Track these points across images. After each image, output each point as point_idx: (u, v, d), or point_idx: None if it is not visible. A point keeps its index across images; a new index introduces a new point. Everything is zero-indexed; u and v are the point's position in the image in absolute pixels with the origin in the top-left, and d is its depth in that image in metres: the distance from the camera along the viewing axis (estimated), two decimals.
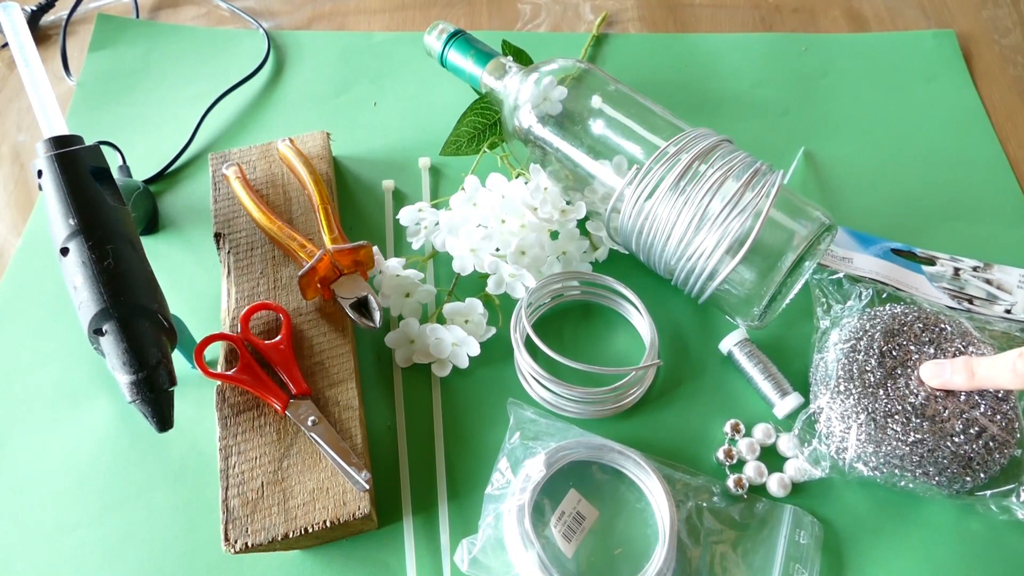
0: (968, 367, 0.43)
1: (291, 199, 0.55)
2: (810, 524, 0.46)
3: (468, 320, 0.51)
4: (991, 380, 0.42)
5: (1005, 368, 0.40)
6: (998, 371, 0.41)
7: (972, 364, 0.43)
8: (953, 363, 0.44)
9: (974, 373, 0.43)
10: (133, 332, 0.39)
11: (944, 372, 0.44)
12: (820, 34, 0.73)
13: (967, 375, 0.43)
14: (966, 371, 0.43)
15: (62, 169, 0.41)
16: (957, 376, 0.43)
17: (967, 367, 0.43)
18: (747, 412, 0.51)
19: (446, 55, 0.60)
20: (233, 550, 0.41)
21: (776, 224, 0.47)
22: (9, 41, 0.47)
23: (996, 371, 0.41)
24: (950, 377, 0.44)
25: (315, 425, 0.44)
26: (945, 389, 0.45)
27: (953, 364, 0.44)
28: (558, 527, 0.44)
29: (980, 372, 0.42)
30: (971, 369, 0.43)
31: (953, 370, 0.44)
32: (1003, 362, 0.41)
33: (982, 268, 0.56)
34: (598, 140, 0.52)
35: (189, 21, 0.74)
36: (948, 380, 0.44)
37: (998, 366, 0.41)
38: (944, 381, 0.44)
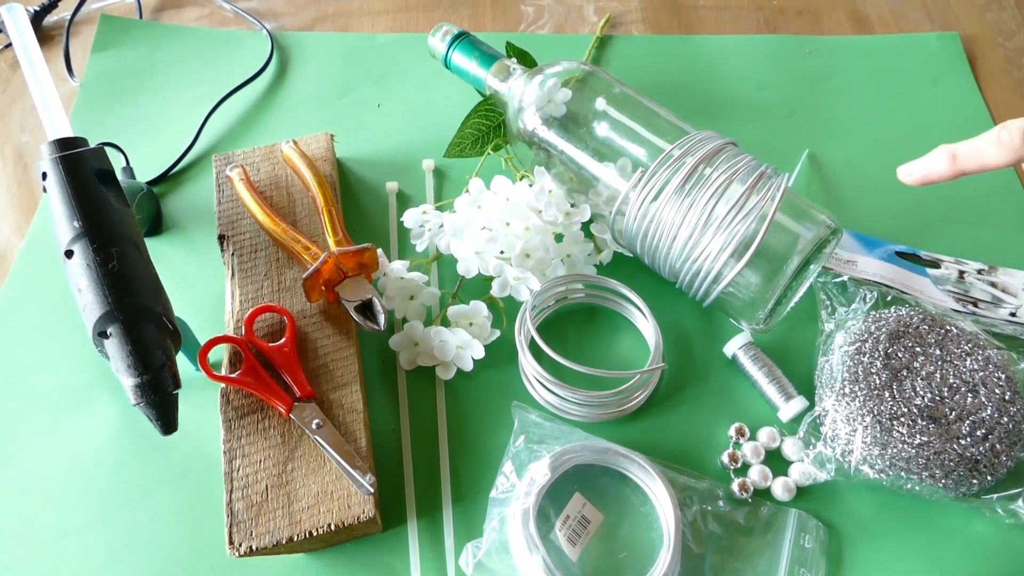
0: (947, 152, 0.39)
1: (295, 201, 0.55)
2: (815, 528, 0.46)
3: (472, 323, 0.51)
4: (975, 158, 0.39)
5: (989, 143, 0.38)
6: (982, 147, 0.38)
7: (951, 148, 0.39)
8: (929, 155, 0.40)
9: (955, 155, 0.39)
10: (138, 335, 0.39)
11: (922, 165, 0.41)
12: (824, 36, 0.73)
13: (949, 159, 0.39)
14: (947, 155, 0.39)
15: (67, 172, 0.41)
16: (937, 164, 0.40)
17: (946, 152, 0.39)
18: (752, 416, 0.51)
19: (450, 57, 0.60)
20: (237, 553, 0.41)
21: (781, 227, 0.47)
22: (13, 42, 0.47)
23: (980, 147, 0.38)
24: (929, 168, 0.40)
25: (319, 428, 0.44)
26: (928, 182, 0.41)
27: (929, 155, 0.40)
28: (563, 531, 0.44)
29: (962, 152, 0.39)
30: (952, 151, 0.39)
31: (931, 160, 0.40)
32: (986, 137, 0.38)
33: (987, 271, 0.56)
34: (602, 142, 0.51)
35: (192, 22, 0.74)
36: (928, 172, 0.40)
37: (981, 142, 0.38)
38: (924, 174, 0.41)
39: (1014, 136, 0.37)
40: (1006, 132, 0.37)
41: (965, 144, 0.39)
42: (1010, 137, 0.37)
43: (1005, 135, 0.37)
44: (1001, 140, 0.37)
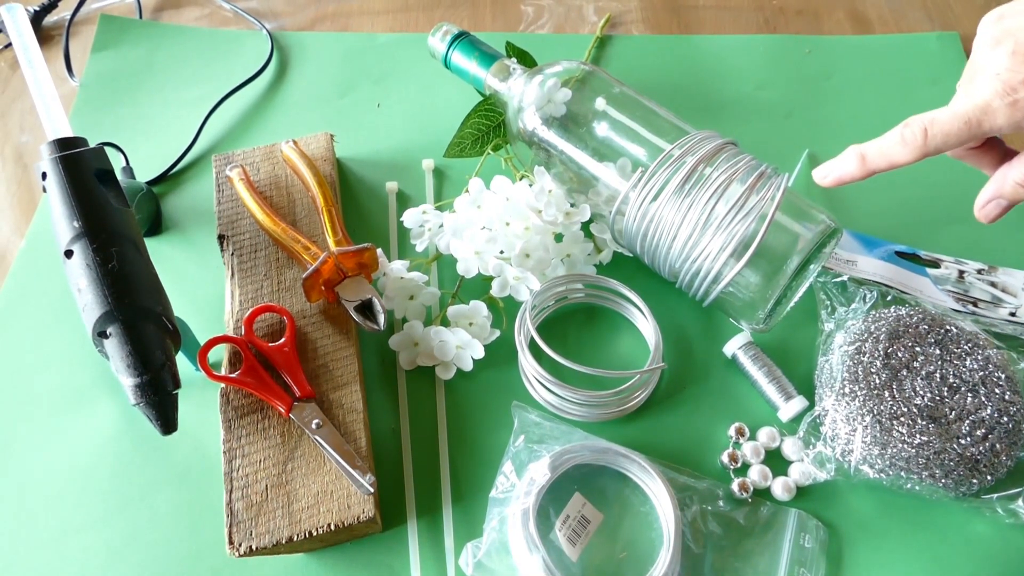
0: (857, 153, 0.40)
1: (295, 201, 0.55)
2: (815, 528, 0.46)
3: (472, 323, 0.51)
4: (883, 158, 0.39)
5: (894, 142, 0.39)
6: (888, 146, 0.39)
7: (860, 149, 0.40)
8: (840, 156, 0.41)
9: (864, 156, 0.40)
10: (137, 335, 0.39)
11: (834, 167, 0.41)
12: (824, 36, 0.73)
13: (859, 161, 0.40)
14: (856, 157, 0.40)
15: (66, 172, 0.41)
16: (848, 166, 0.41)
17: (855, 153, 0.40)
18: (751, 415, 0.51)
19: (450, 57, 0.60)
20: (237, 553, 0.41)
21: (781, 227, 0.47)
22: (13, 42, 0.47)
23: (885, 147, 0.39)
24: (842, 170, 0.41)
25: (319, 428, 0.44)
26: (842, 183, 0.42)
27: (841, 157, 0.41)
28: (563, 531, 0.44)
29: (870, 153, 0.40)
30: (860, 152, 0.40)
31: (843, 161, 0.41)
32: (891, 136, 0.39)
33: (987, 271, 0.56)
34: (602, 142, 0.51)
35: (192, 22, 0.74)
36: (841, 174, 0.41)
37: (886, 141, 0.39)
38: (838, 176, 0.41)
39: (916, 134, 0.37)
40: (909, 130, 0.38)
41: (873, 144, 0.39)
42: (912, 135, 0.38)
43: (908, 133, 0.38)
44: (905, 139, 0.38)
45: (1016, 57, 0.35)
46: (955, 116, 0.36)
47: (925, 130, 0.37)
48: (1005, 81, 0.35)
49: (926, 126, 0.37)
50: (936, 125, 0.37)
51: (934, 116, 0.37)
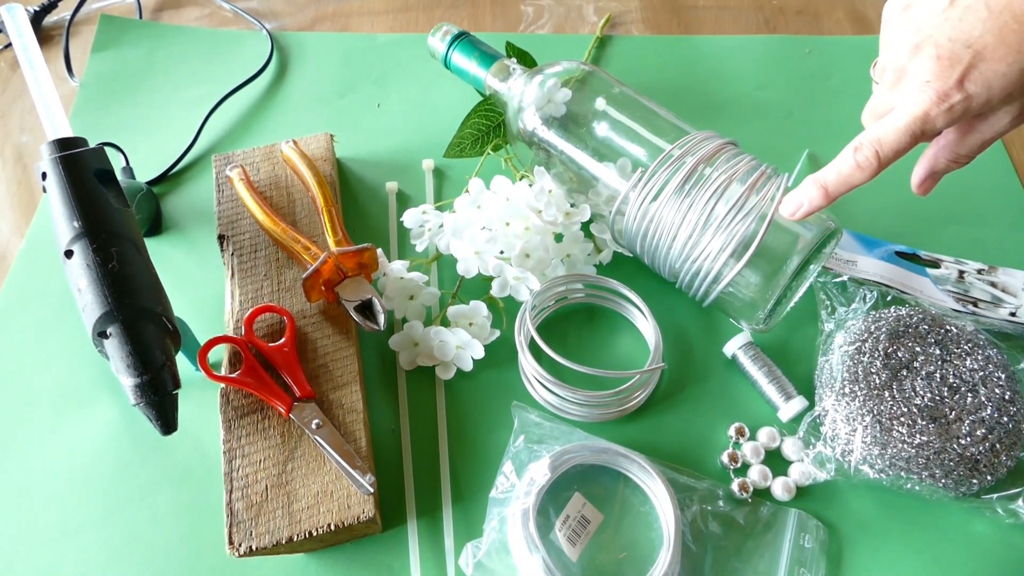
0: (818, 182, 0.41)
1: (295, 201, 0.55)
2: (815, 528, 0.46)
3: (472, 323, 0.51)
4: (845, 184, 0.40)
5: (851, 167, 0.40)
6: (845, 172, 0.40)
7: (821, 180, 0.41)
8: (802, 188, 0.42)
9: (826, 187, 0.41)
10: (138, 335, 0.39)
11: (801, 203, 0.42)
12: (824, 36, 0.73)
13: (821, 192, 0.41)
14: (818, 188, 0.41)
15: (66, 172, 0.41)
16: (813, 198, 0.41)
17: (816, 183, 0.41)
18: (751, 416, 0.51)
19: (450, 57, 0.60)
20: (237, 553, 0.41)
21: (781, 228, 0.47)
22: (13, 42, 0.47)
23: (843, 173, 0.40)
24: (808, 204, 0.42)
25: (319, 428, 0.44)
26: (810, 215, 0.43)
27: (802, 188, 0.42)
28: (563, 531, 0.44)
29: (831, 183, 0.41)
30: (821, 183, 0.41)
31: (806, 194, 0.42)
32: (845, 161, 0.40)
33: (987, 271, 0.56)
34: (602, 142, 0.52)
35: (192, 22, 0.74)
36: (808, 206, 0.42)
37: (844, 168, 0.40)
38: (806, 210, 0.42)
39: (869, 158, 0.39)
40: (861, 155, 0.39)
41: (831, 173, 0.41)
42: (866, 159, 0.39)
43: (861, 158, 0.39)
44: (860, 164, 0.39)
45: (941, 62, 0.36)
46: (899, 131, 0.38)
47: (876, 152, 0.38)
48: (937, 90, 0.36)
49: (876, 148, 0.38)
50: (885, 145, 0.38)
51: (880, 137, 0.38)
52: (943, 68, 0.36)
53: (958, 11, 0.36)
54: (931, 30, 0.36)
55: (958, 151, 0.41)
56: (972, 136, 0.40)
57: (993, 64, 0.35)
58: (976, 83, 0.36)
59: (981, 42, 0.35)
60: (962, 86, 0.36)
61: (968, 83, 0.36)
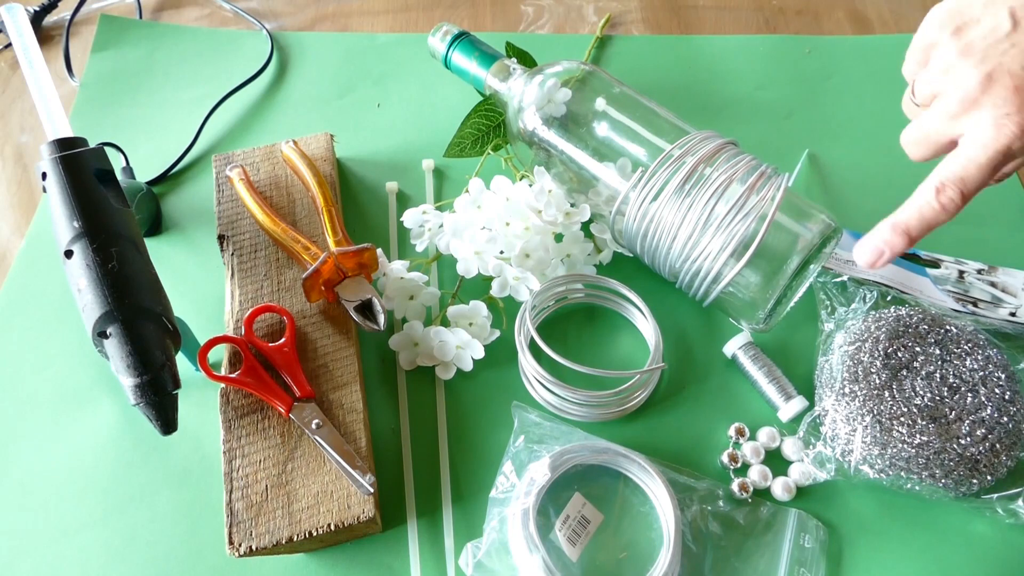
0: (898, 228, 0.39)
1: (295, 201, 0.55)
2: (815, 528, 0.46)
3: (472, 323, 0.51)
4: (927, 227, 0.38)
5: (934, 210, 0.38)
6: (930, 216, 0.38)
7: (902, 224, 0.39)
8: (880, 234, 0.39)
9: (908, 231, 0.39)
10: (137, 335, 0.39)
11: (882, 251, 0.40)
12: (824, 36, 0.73)
13: (904, 238, 0.39)
14: (899, 234, 0.39)
15: (66, 172, 0.41)
16: (895, 244, 0.39)
17: (896, 229, 0.39)
18: (751, 416, 0.51)
19: (450, 57, 0.60)
20: (237, 553, 0.41)
21: (781, 227, 0.47)
22: (13, 42, 0.47)
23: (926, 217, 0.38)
24: (890, 251, 0.39)
25: (319, 428, 0.44)
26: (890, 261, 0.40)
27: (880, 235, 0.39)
28: (563, 531, 0.44)
29: (912, 226, 0.38)
30: (903, 228, 0.39)
31: (884, 239, 0.39)
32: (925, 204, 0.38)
33: (987, 271, 0.56)
34: (602, 142, 0.52)
35: (192, 22, 0.74)
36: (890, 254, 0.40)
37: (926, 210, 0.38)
38: (888, 258, 0.40)
39: (955, 199, 0.37)
40: (946, 197, 0.37)
41: (913, 217, 0.38)
42: (951, 201, 0.37)
43: (946, 200, 0.37)
44: (946, 207, 0.37)
45: (1020, 93, 0.34)
46: (982, 168, 0.36)
47: (962, 192, 0.37)
48: (1020, 123, 0.34)
49: (961, 189, 0.37)
50: (970, 183, 0.36)
51: (962, 175, 0.36)
52: (1022, 99, 0.34)
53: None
54: (999, 57, 0.35)
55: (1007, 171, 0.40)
56: None
57: None
58: None
59: None
60: None
61: None
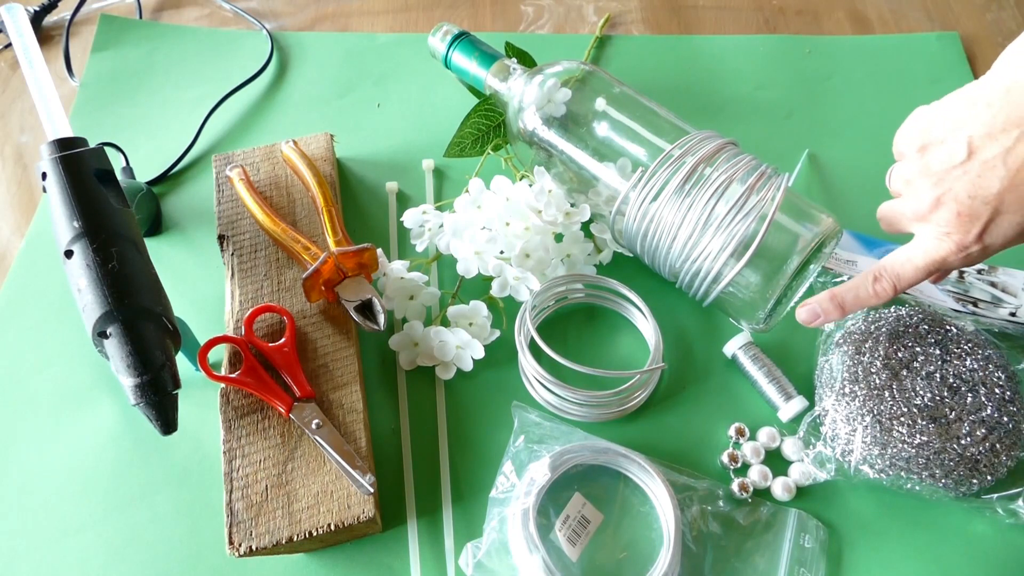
0: (836, 300, 0.45)
1: (295, 201, 0.55)
2: (815, 528, 0.46)
3: (472, 323, 0.51)
4: (860, 305, 0.44)
5: (868, 295, 0.44)
6: (864, 298, 0.44)
7: (839, 299, 0.45)
8: (819, 301, 0.46)
9: (843, 304, 0.45)
10: (137, 335, 0.39)
11: (818, 314, 0.46)
12: (824, 36, 0.73)
13: (838, 309, 0.45)
14: (835, 305, 0.45)
15: (66, 172, 0.41)
16: (829, 311, 0.45)
17: (835, 300, 0.45)
18: (751, 416, 0.51)
19: (450, 57, 0.60)
20: (237, 553, 0.41)
21: (781, 227, 0.47)
22: (13, 42, 0.47)
23: (863, 298, 0.44)
24: (824, 316, 0.46)
25: (319, 428, 0.44)
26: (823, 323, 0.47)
27: (820, 302, 0.46)
28: (563, 531, 0.44)
29: (848, 302, 0.45)
30: (839, 302, 0.45)
31: (824, 310, 0.45)
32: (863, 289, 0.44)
33: (987, 271, 0.56)
34: (602, 142, 0.51)
35: (192, 22, 0.74)
36: (824, 318, 0.46)
37: (861, 293, 0.44)
38: (822, 321, 0.46)
39: (887, 289, 0.43)
40: (880, 286, 0.43)
41: (849, 295, 0.45)
42: (884, 290, 0.43)
43: (880, 289, 0.43)
44: (878, 294, 0.43)
45: (961, 219, 0.38)
46: (917, 270, 0.41)
47: (895, 285, 0.43)
48: (957, 242, 0.39)
49: (895, 282, 0.43)
50: (903, 279, 0.42)
51: (899, 272, 0.42)
52: (963, 223, 0.38)
53: (976, 167, 0.37)
54: (951, 183, 0.38)
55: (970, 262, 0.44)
56: None
57: (1009, 216, 0.37)
58: (993, 235, 0.38)
59: (999, 199, 0.36)
60: (980, 239, 0.38)
61: (986, 236, 0.38)
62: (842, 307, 0.45)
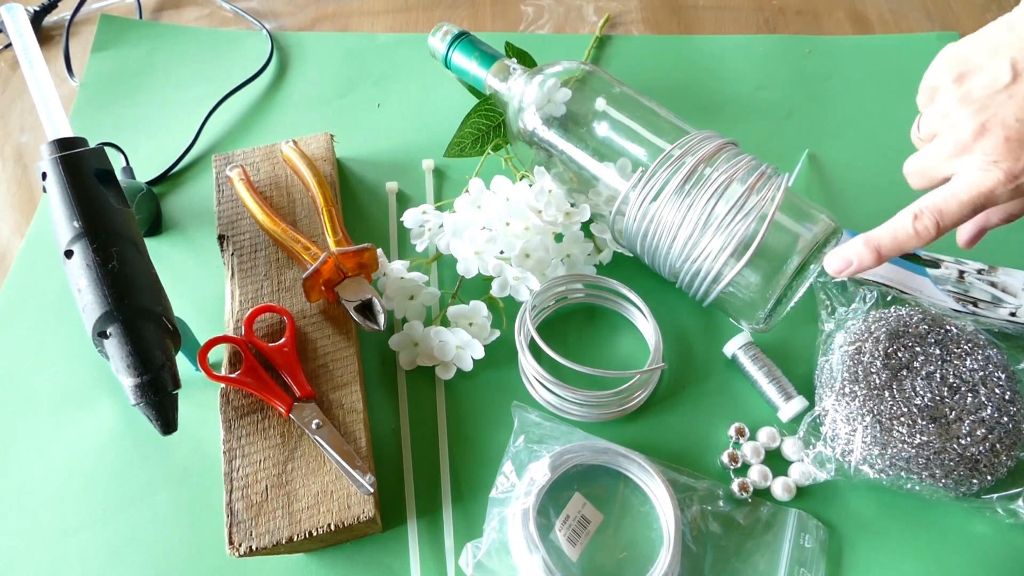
0: (871, 244, 0.41)
1: (295, 201, 0.55)
2: (815, 528, 0.46)
3: (472, 323, 0.51)
4: (898, 249, 0.41)
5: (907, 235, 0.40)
6: (903, 239, 0.40)
7: (874, 242, 0.41)
8: (853, 246, 0.42)
9: (879, 249, 0.41)
10: (137, 335, 0.39)
11: (850, 261, 0.42)
12: (824, 36, 0.73)
13: (874, 255, 0.41)
14: (870, 249, 0.41)
15: (66, 172, 0.41)
16: (864, 257, 0.41)
17: (869, 244, 0.41)
18: (751, 416, 0.51)
19: (450, 57, 0.60)
20: (237, 553, 0.41)
21: (781, 227, 0.47)
22: (13, 42, 0.47)
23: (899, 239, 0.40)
24: (858, 264, 0.42)
25: (319, 428, 0.44)
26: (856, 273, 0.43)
27: (854, 248, 0.42)
28: (563, 531, 0.44)
29: (885, 246, 0.41)
30: (875, 245, 0.41)
31: (858, 255, 0.42)
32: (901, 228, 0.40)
33: (987, 271, 0.56)
34: (602, 142, 0.52)
35: (192, 22, 0.74)
36: (858, 266, 0.42)
37: (900, 233, 0.40)
38: (854, 269, 0.42)
39: (929, 228, 0.39)
40: (921, 224, 0.39)
41: (886, 236, 0.40)
42: (926, 228, 0.39)
43: (921, 227, 0.39)
44: (919, 233, 0.39)
45: (1010, 144, 0.35)
46: (963, 204, 0.37)
47: (937, 223, 0.38)
48: (1007, 171, 0.36)
49: (937, 219, 0.38)
50: (947, 216, 0.38)
51: (942, 207, 0.38)
52: (1012, 149, 0.36)
53: (1023, 89, 0.35)
54: (996, 108, 0.36)
55: (1011, 211, 0.41)
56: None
57: None
58: None
59: None
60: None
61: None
62: (878, 251, 0.41)
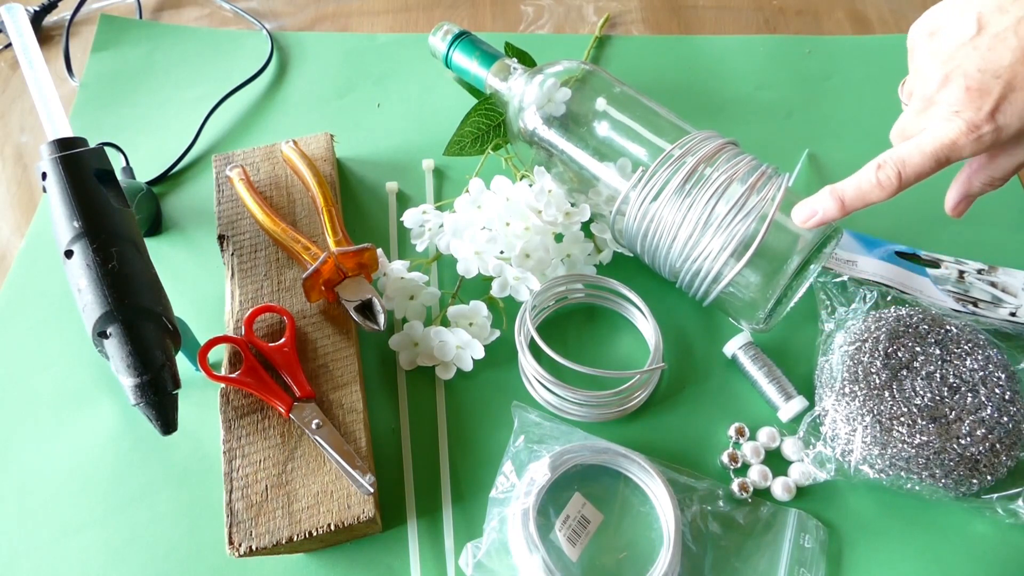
0: (835, 194, 0.41)
1: (295, 201, 0.55)
2: (815, 528, 0.46)
3: (472, 323, 0.51)
4: (862, 199, 0.41)
5: (871, 184, 0.40)
6: (866, 189, 0.40)
7: (838, 192, 0.41)
8: (818, 197, 0.42)
9: (843, 200, 0.41)
10: (137, 335, 0.39)
11: (815, 211, 0.42)
12: (824, 36, 0.73)
13: (838, 204, 0.41)
14: (834, 199, 0.41)
15: (66, 172, 0.41)
16: (828, 208, 0.42)
17: (834, 194, 0.41)
18: (751, 416, 0.51)
19: (451, 56, 0.60)
20: (237, 553, 0.41)
21: (781, 227, 0.47)
22: (13, 42, 0.47)
23: (863, 190, 0.40)
24: (823, 214, 0.42)
25: (319, 428, 0.44)
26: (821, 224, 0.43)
27: (819, 198, 0.42)
28: (563, 531, 0.44)
29: (848, 196, 0.41)
30: (839, 196, 0.41)
31: (821, 203, 0.42)
32: (866, 178, 0.40)
33: (987, 271, 0.56)
34: (603, 142, 0.52)
35: (192, 22, 0.74)
36: (823, 216, 0.42)
37: (863, 184, 0.40)
38: (819, 219, 0.43)
39: (891, 177, 0.39)
40: (883, 173, 0.39)
41: (850, 186, 0.41)
42: (887, 178, 0.39)
43: (883, 176, 0.39)
44: (881, 182, 0.39)
45: (971, 93, 0.36)
46: (925, 155, 0.37)
47: (899, 172, 0.39)
48: (968, 120, 0.36)
49: (899, 168, 0.38)
50: (909, 167, 0.38)
51: (904, 157, 0.38)
52: (973, 99, 0.36)
53: (987, 40, 0.35)
54: (960, 60, 0.36)
55: (992, 174, 0.41)
56: (1004, 159, 0.40)
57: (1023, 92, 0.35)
58: (1006, 114, 0.36)
59: (1011, 71, 0.35)
60: (993, 117, 0.36)
61: (999, 115, 0.36)
62: (842, 201, 0.41)
